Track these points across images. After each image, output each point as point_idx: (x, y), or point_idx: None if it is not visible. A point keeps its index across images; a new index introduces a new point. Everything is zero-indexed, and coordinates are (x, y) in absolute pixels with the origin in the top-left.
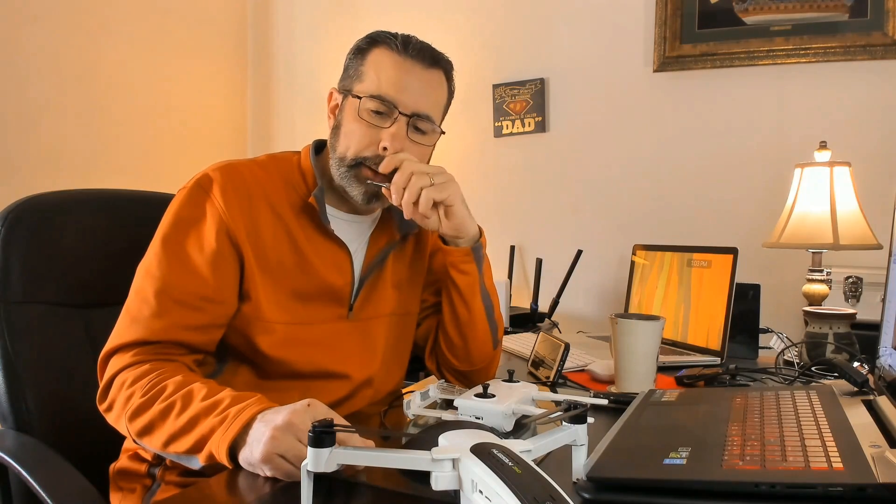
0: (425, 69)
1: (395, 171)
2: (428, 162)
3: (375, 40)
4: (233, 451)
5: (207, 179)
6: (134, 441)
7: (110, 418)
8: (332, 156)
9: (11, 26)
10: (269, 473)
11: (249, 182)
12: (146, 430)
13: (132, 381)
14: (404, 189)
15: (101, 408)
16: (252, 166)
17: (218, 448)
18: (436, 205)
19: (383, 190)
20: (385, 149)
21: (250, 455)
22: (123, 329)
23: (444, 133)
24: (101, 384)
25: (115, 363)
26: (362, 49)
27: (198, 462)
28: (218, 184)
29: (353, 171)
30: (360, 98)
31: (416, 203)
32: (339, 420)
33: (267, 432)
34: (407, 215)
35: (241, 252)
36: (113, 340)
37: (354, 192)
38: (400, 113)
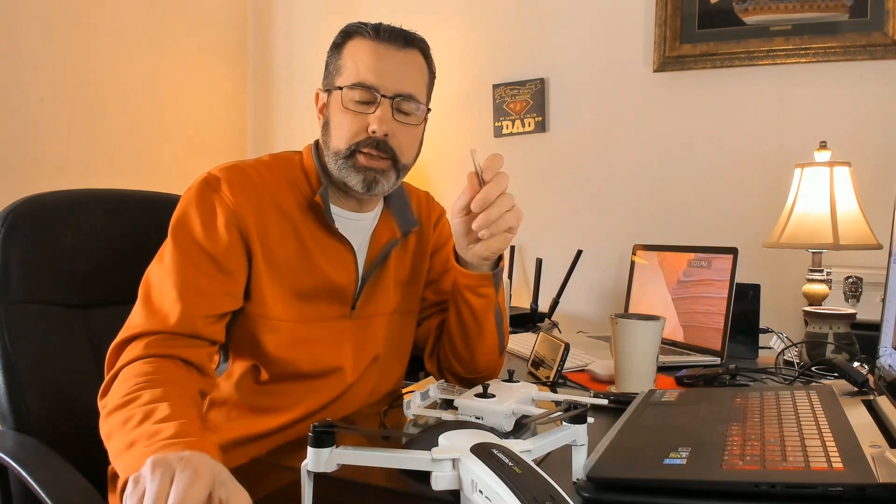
0: (400, 50)
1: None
2: (421, 140)
3: (348, 33)
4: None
5: (214, 178)
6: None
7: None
8: (327, 153)
9: (11, 26)
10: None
11: (256, 181)
12: (107, 436)
13: (124, 380)
14: (491, 203)
15: (100, 404)
16: (257, 166)
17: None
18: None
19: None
20: (374, 132)
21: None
22: (141, 319)
23: (430, 111)
24: (107, 377)
25: (126, 355)
26: (338, 44)
27: None
28: (226, 181)
29: (350, 161)
30: (341, 89)
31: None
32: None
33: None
34: (478, 227)
35: (250, 248)
36: (127, 330)
37: (353, 180)
38: (382, 96)
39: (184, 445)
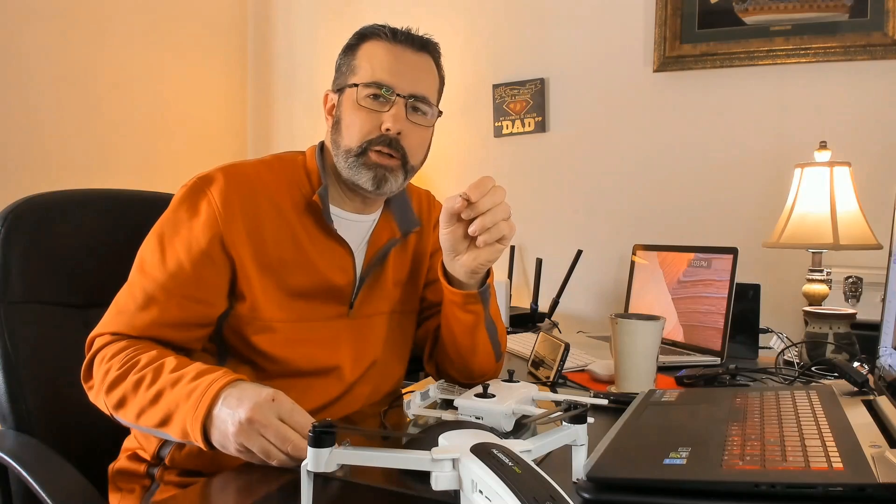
0: (415, 53)
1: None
2: (429, 144)
3: (365, 35)
4: (205, 428)
5: (209, 179)
6: (111, 417)
7: (91, 395)
8: (336, 152)
9: (12, 26)
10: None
11: (254, 181)
12: (120, 403)
13: (111, 356)
14: (487, 212)
15: (86, 386)
16: (258, 165)
17: (193, 429)
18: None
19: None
20: (388, 129)
21: (221, 440)
22: (110, 319)
23: (441, 113)
24: (85, 361)
25: (99, 342)
26: (352, 45)
27: (173, 438)
28: (218, 184)
29: (362, 159)
30: (356, 86)
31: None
32: (304, 414)
33: (230, 427)
34: (473, 231)
35: (232, 256)
36: (98, 328)
37: (363, 178)
38: (397, 95)
39: (215, 384)
